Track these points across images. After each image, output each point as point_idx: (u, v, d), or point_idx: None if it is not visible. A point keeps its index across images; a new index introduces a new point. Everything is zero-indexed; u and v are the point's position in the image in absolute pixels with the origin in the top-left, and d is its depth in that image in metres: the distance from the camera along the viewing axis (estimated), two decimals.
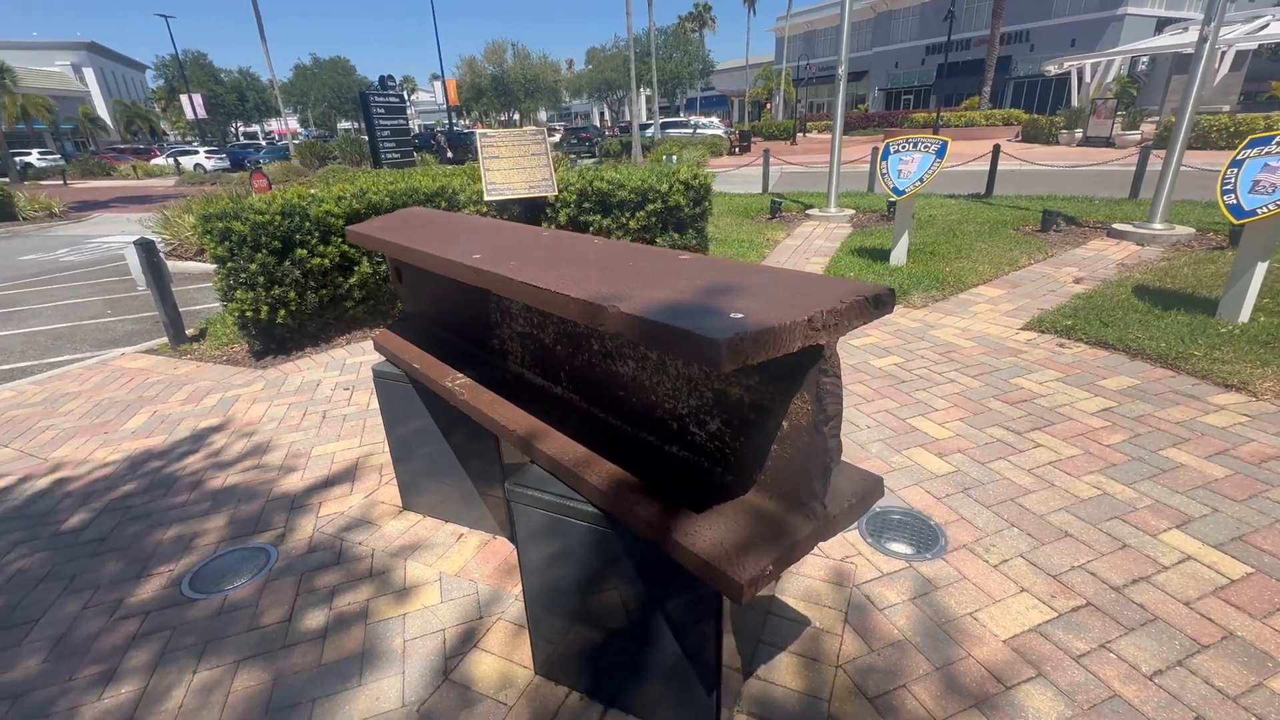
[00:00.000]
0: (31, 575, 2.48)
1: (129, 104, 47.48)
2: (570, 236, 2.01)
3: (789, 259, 6.87)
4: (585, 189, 5.39)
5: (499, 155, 5.39)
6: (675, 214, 5.36)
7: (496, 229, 2.28)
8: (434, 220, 2.60)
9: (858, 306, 1.21)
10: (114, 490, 3.07)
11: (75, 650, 2.08)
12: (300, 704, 1.84)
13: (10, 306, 7.51)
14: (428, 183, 5.19)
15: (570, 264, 1.63)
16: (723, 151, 24.69)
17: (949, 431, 3.15)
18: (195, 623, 2.17)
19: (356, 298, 4.94)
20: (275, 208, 4.42)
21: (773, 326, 1.07)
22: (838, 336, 1.20)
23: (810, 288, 1.30)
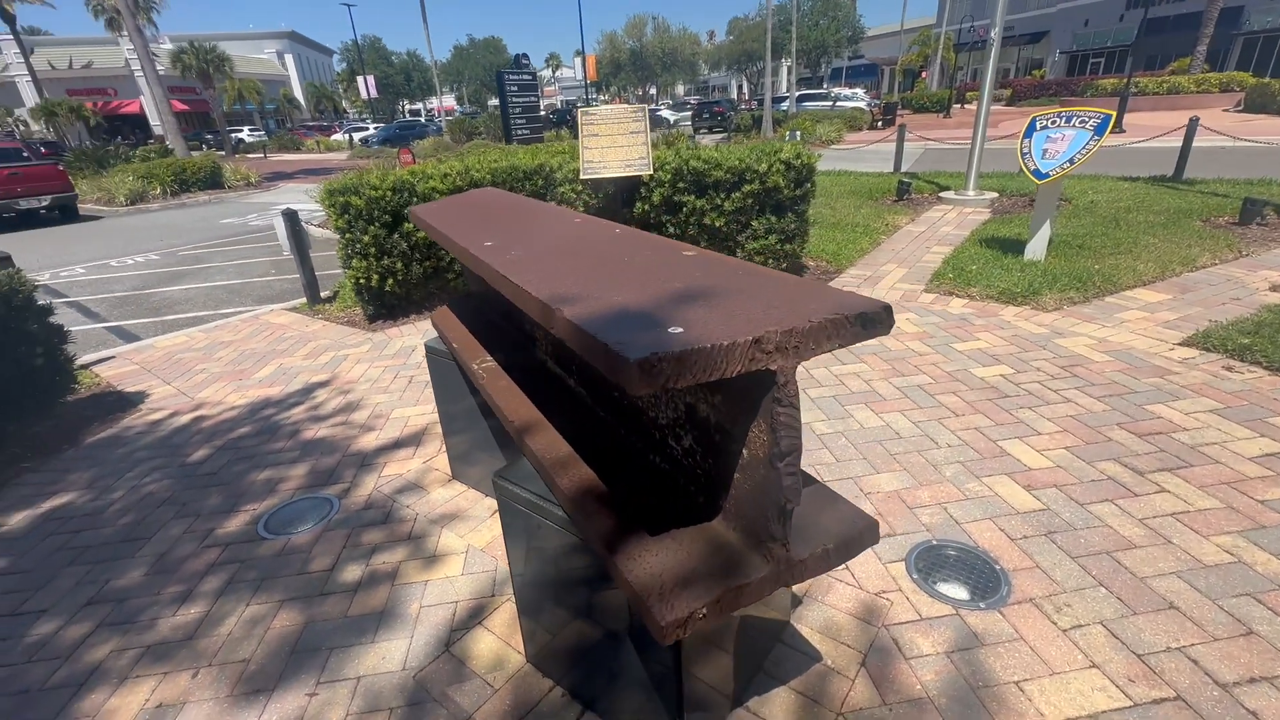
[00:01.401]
0: (156, 499, 2.93)
1: (318, 85, 53.88)
2: (600, 227, 1.94)
3: (905, 247, 6.26)
4: (680, 168, 5.24)
5: (597, 133, 5.39)
6: (774, 196, 5.06)
7: (538, 215, 2.26)
8: (491, 203, 2.65)
9: (830, 327, 1.04)
10: (232, 432, 3.53)
11: (167, 569, 2.43)
12: (319, 650, 2.01)
13: (203, 263, 8.86)
14: (528, 160, 5.34)
15: (575, 256, 1.56)
16: (863, 126, 22.99)
17: (1048, 461, 2.71)
18: (259, 560, 2.45)
19: (457, 270, 5.23)
20: (387, 184, 4.77)
21: (702, 347, 0.94)
22: (798, 361, 1.03)
23: (792, 300, 1.14)
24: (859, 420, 3.16)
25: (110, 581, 2.38)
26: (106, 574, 2.43)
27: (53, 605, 2.28)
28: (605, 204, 5.57)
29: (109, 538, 2.65)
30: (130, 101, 40.69)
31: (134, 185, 16.44)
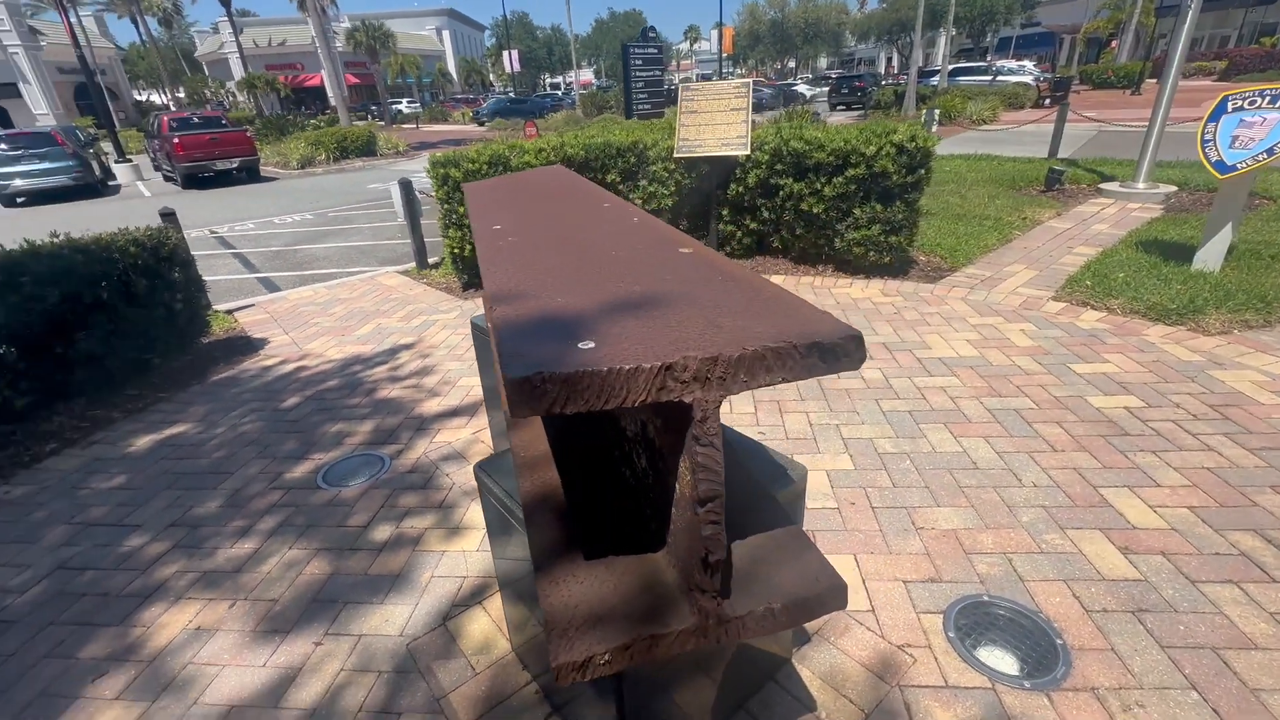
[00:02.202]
0: (246, 438, 3.27)
1: (469, 60, 57.26)
2: (619, 216, 1.83)
3: (1042, 246, 5.46)
4: (779, 149, 4.90)
5: (696, 109, 5.18)
6: (881, 182, 4.59)
7: (573, 197, 2.18)
8: (543, 183, 2.61)
9: (772, 356, 0.86)
10: (321, 384, 3.86)
11: (237, 504, 2.71)
12: (335, 603, 2.13)
13: (346, 224, 9.77)
14: (622, 137, 5.26)
15: (565, 246, 1.47)
16: (1025, 103, 20.40)
17: (1160, 521, 2.23)
18: (311, 509, 2.66)
19: None
20: (484, 157, 4.92)
21: (598, 370, 0.82)
22: (723, 394, 0.87)
23: (749, 318, 0.97)
24: (932, 442, 2.81)
25: (192, 508, 2.70)
26: (191, 501, 2.75)
27: (145, 522, 2.63)
28: (698, 184, 5.37)
29: (202, 469, 3.01)
30: (314, 75, 45.70)
31: (305, 151, 18.52)
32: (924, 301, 4.48)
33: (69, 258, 3.39)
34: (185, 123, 16.61)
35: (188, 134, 15.58)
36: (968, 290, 4.60)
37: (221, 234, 9.59)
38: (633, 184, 5.26)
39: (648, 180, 5.23)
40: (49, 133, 15.85)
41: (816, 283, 5.00)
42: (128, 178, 17.99)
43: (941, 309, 4.33)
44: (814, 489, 2.55)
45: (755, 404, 3.25)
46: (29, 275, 3.22)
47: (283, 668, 1.90)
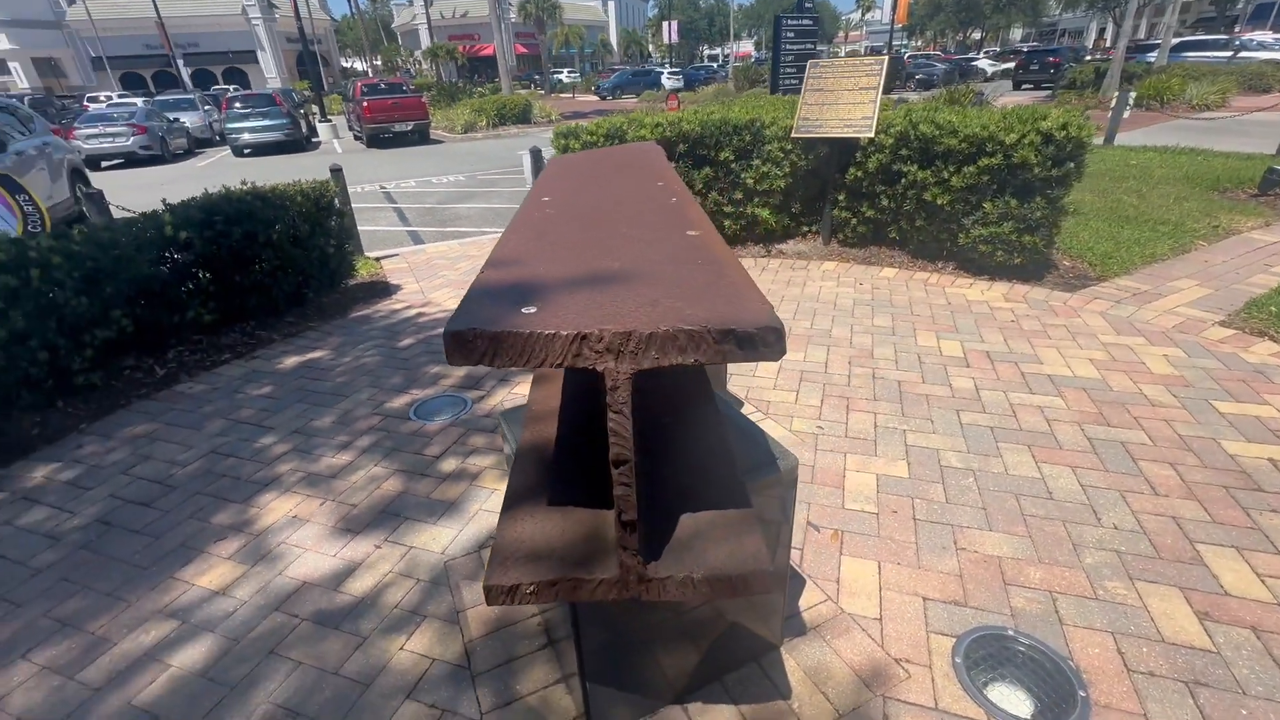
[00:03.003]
0: (365, 369, 3.79)
1: (630, 31, 58.04)
2: (659, 193, 1.89)
3: (1227, 261, 4.60)
4: (905, 133, 4.56)
5: (821, 87, 4.96)
6: (1020, 174, 4.12)
7: (641, 171, 2.27)
8: (621, 160, 2.71)
9: (684, 338, 0.92)
10: (433, 330, 4.33)
11: (345, 422, 3.18)
12: (397, 517, 2.47)
13: (491, 187, 10.57)
14: (740, 114, 5.17)
15: (588, 220, 1.57)
16: (1274, 85, 16.76)
17: (1266, 594, 1.91)
18: (399, 436, 3.05)
19: None
20: (602, 130, 5.10)
21: (519, 332, 0.93)
22: (633, 367, 0.94)
23: (690, 297, 1.02)
24: (1007, 463, 2.58)
25: (312, 420, 3.22)
26: (313, 414, 3.28)
27: (277, 426, 3.18)
28: (815, 166, 5.16)
29: (326, 389, 3.55)
30: (488, 45, 49.05)
31: (468, 117, 20.09)
32: (1051, 311, 4.01)
33: (250, 203, 4.09)
34: (374, 88, 18.69)
35: (374, 98, 17.54)
36: (1111, 304, 4.03)
37: (389, 189, 10.79)
38: (746, 163, 5.18)
39: (761, 160, 5.13)
40: (270, 95, 18.60)
41: (931, 280, 4.65)
42: (326, 136, 20.66)
43: (1070, 322, 3.85)
44: (856, 490, 2.47)
45: (822, 398, 3.16)
46: (221, 215, 3.94)
47: (346, 560, 2.26)
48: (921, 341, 3.71)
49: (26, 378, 3.12)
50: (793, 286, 4.70)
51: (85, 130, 15.98)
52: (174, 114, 19.66)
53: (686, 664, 1.67)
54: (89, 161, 16.22)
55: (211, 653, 1.91)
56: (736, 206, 5.34)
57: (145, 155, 16.48)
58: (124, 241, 3.51)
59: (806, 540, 2.24)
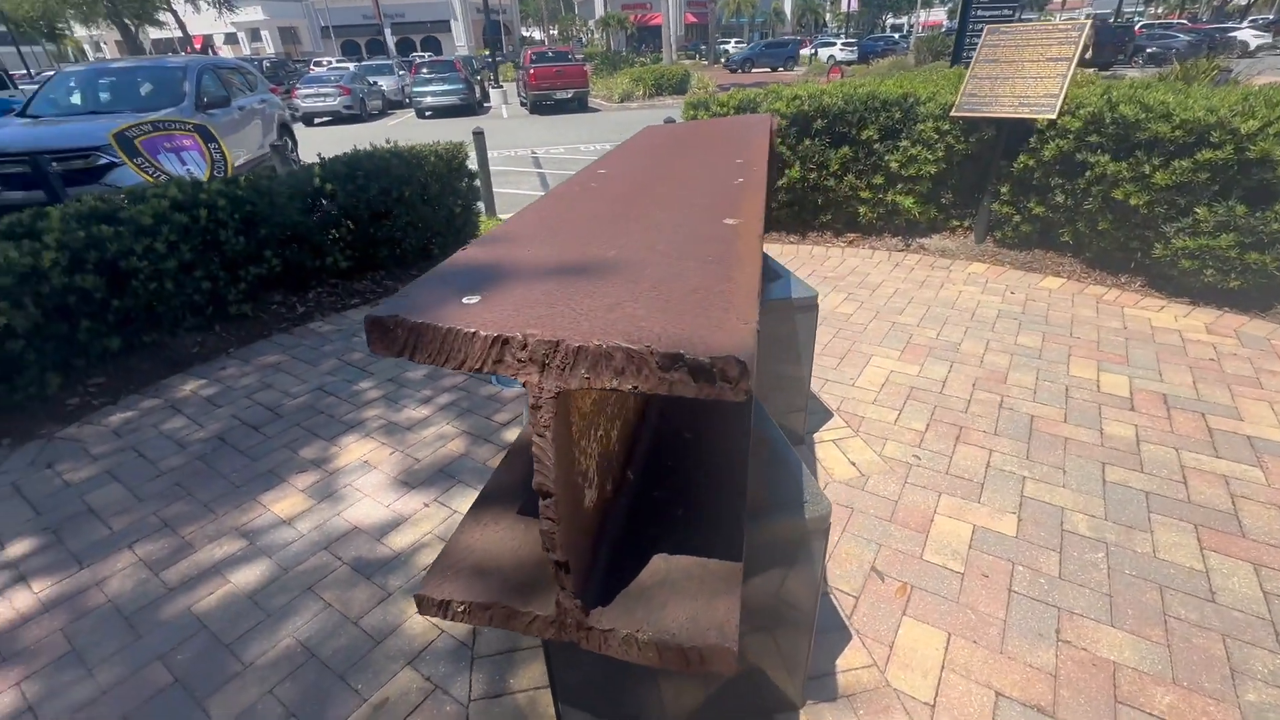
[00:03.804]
0: None
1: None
2: (725, 172, 1.65)
3: None
4: (1099, 115, 3.73)
5: (997, 58, 4.22)
6: (1255, 173, 3.19)
7: (723, 146, 2.03)
8: (716, 131, 2.46)
9: (623, 358, 0.72)
10: None
11: (432, 378, 3.32)
12: (452, 479, 2.52)
13: None
14: (892, 89, 4.55)
15: (625, 197, 1.40)
16: None
17: None
18: (475, 399, 3.12)
19: (781, 200, 5.05)
20: (734, 101, 4.78)
21: (437, 326, 0.79)
22: (560, 384, 0.76)
23: (663, 305, 0.82)
24: (1158, 542, 2.03)
25: (404, 373, 3.40)
26: (409, 367, 3.46)
27: (376, 373, 3.40)
28: (977, 151, 4.45)
29: None
30: (657, 14, 49.03)
31: (626, 86, 20.28)
32: (1272, 354, 3.11)
33: (388, 160, 4.37)
34: (542, 56, 19.50)
35: (541, 66, 18.28)
36: None
37: (539, 154, 11.21)
38: (892, 144, 4.59)
39: (911, 141, 4.51)
40: (451, 61, 20.10)
41: (1107, 297, 3.83)
42: (497, 101, 22.01)
43: None
44: (943, 540, 2.09)
45: (929, 422, 2.72)
46: (362, 171, 4.26)
47: (396, 514, 2.34)
48: (1076, 371, 3.06)
49: (191, 303, 3.62)
50: (926, 288, 4.12)
51: (304, 90, 18.38)
52: (374, 78, 22.01)
53: (682, 703, 1.49)
54: (305, 118, 18.74)
55: (263, 578, 2.07)
56: (875, 192, 4.78)
57: (347, 114, 18.66)
58: (279, 190, 3.91)
59: (866, 589, 1.92)
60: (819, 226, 5.16)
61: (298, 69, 28.39)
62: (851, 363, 3.25)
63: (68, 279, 2.99)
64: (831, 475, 2.43)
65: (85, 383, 3.21)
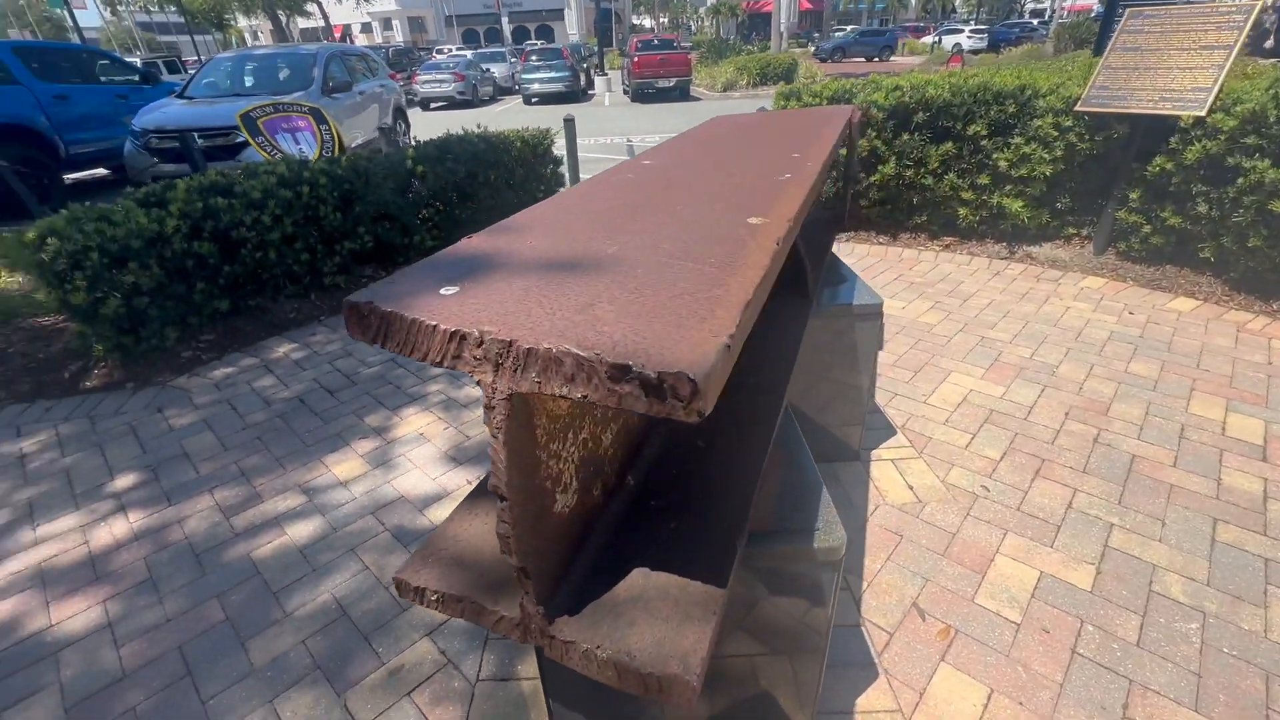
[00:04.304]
0: None
1: None
2: (781, 170, 1.55)
3: None
4: (1261, 112, 3.18)
5: (1139, 45, 3.72)
6: None
7: (785, 140, 1.91)
8: (787, 123, 2.33)
9: (573, 365, 0.68)
10: None
11: None
12: None
13: None
14: (1007, 80, 4.11)
15: (655, 193, 1.34)
16: None
17: None
18: None
19: (872, 197, 4.75)
20: (827, 92, 4.54)
21: (402, 316, 0.78)
22: (513, 386, 0.72)
23: (638, 308, 0.77)
24: (1272, 620, 1.73)
25: None
26: None
27: None
28: (1103, 151, 3.95)
29: None
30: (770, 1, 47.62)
31: (730, 75, 19.89)
32: None
33: (476, 144, 4.52)
34: (648, 44, 19.50)
35: (645, 54, 18.29)
36: None
37: (634, 143, 11.25)
38: (1002, 141, 4.17)
39: (1025, 138, 4.08)
40: (559, 50, 20.54)
41: (1252, 325, 3.29)
42: (601, 88, 22.27)
43: None
44: (1001, 584, 1.88)
45: (1006, 451, 2.46)
46: (451, 154, 4.43)
47: (440, 487, 2.43)
48: (1197, 409, 2.66)
49: (291, 273, 3.93)
50: (1027, 301, 3.73)
51: (423, 76, 19.48)
52: (488, 65, 22.97)
53: (696, 711, 1.43)
54: (422, 102, 19.89)
55: (314, 534, 2.22)
56: (979, 194, 4.38)
57: (460, 99, 19.60)
58: (375, 170, 4.15)
59: (903, 626, 1.77)
60: (913, 228, 4.81)
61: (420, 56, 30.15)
62: (927, 377, 3.00)
63: (187, 245, 3.33)
64: (884, 498, 2.26)
65: (197, 339, 3.58)
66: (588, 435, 1.00)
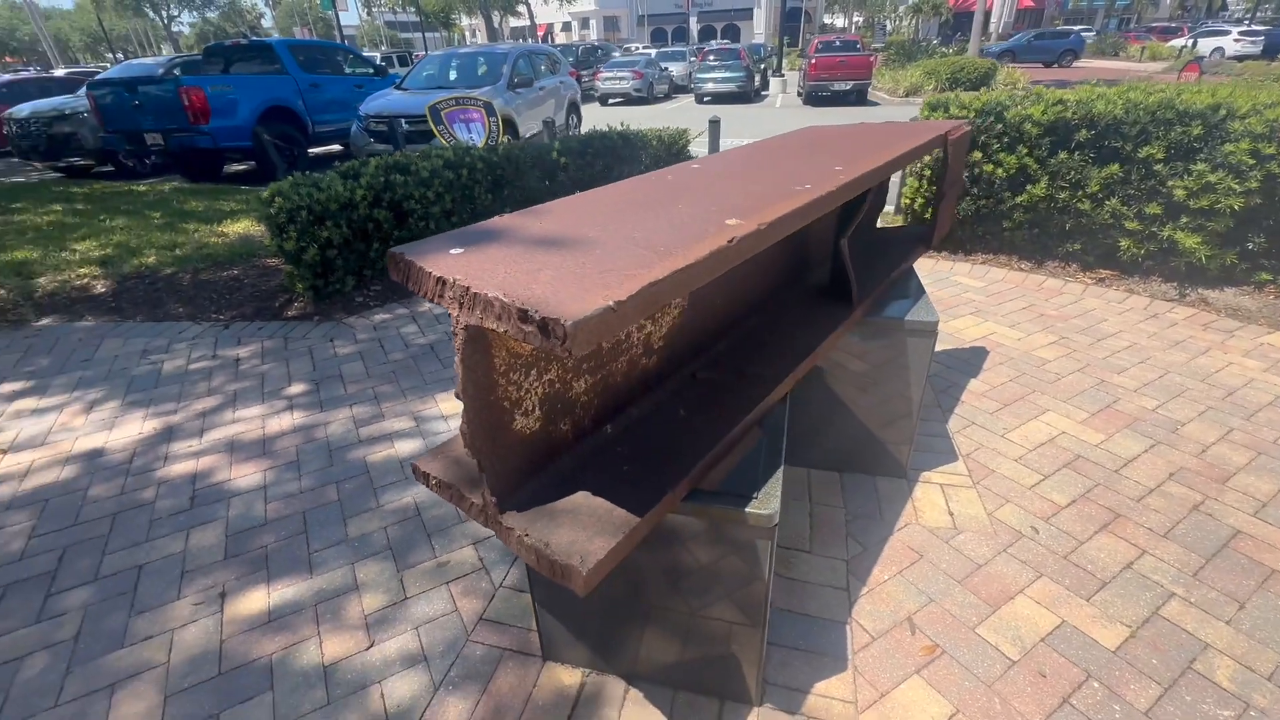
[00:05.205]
0: None
1: None
2: (802, 180, 1.67)
3: None
4: None
5: None
6: None
7: (840, 152, 1.99)
8: (870, 136, 2.36)
9: (500, 307, 0.94)
10: None
11: None
12: None
13: None
14: (1197, 98, 3.57)
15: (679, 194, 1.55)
16: None
17: None
18: None
19: (1017, 219, 4.41)
20: (977, 104, 4.28)
21: (411, 262, 1.09)
22: (468, 320, 0.99)
23: (578, 276, 1.01)
24: None
25: None
26: None
27: None
28: None
29: None
30: None
31: (916, 80, 18.63)
32: None
33: (615, 141, 4.92)
34: (829, 46, 18.93)
35: (824, 55, 17.81)
36: None
37: None
38: (1182, 166, 3.66)
39: (1210, 165, 3.54)
40: (736, 50, 20.66)
41: None
42: (775, 90, 22.05)
43: None
44: (1012, 624, 1.83)
45: (1076, 499, 2.29)
46: (592, 149, 4.88)
47: None
48: None
49: None
50: (1179, 350, 3.29)
51: (605, 74, 20.72)
52: (667, 64, 23.78)
53: (649, 654, 1.65)
54: (600, 98, 21.18)
55: (414, 451, 2.72)
56: (1145, 224, 3.89)
57: (636, 96, 20.58)
58: (524, 159, 4.72)
59: (890, 635, 1.81)
60: (1062, 256, 4.38)
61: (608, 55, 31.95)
62: (1015, 412, 2.83)
63: (369, 211, 4.10)
64: (918, 518, 2.24)
65: (368, 287, 4.38)
66: (555, 378, 1.26)
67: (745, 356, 1.77)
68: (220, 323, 4.08)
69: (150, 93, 8.52)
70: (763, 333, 1.91)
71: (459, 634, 1.86)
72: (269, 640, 1.86)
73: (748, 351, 1.80)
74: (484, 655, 1.79)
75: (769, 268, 2.06)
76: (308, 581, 2.06)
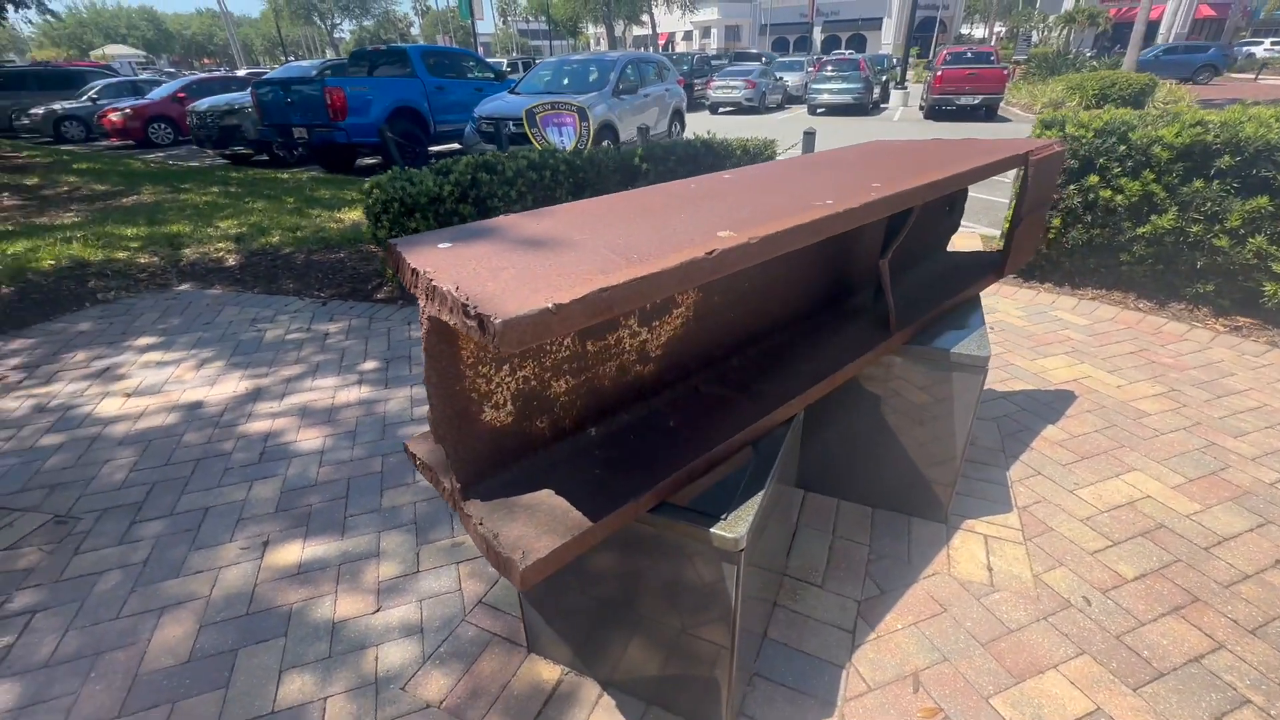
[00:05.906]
0: None
1: None
2: (836, 195, 1.60)
3: None
4: None
5: None
6: None
7: (911, 166, 1.88)
8: (949, 153, 2.20)
9: (454, 303, 0.99)
10: None
11: None
12: None
13: (1003, 178, 9.18)
14: None
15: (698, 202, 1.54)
16: None
17: None
18: None
19: (1137, 253, 3.93)
20: (1097, 123, 3.87)
21: (400, 255, 1.15)
22: (431, 313, 1.03)
23: (543, 277, 1.03)
24: None
25: None
26: None
27: None
28: None
29: None
30: (1157, 6, 38.83)
31: (1057, 94, 17.05)
32: None
33: (698, 148, 4.91)
34: (959, 57, 17.76)
35: (951, 68, 16.75)
36: None
37: None
38: None
39: None
40: (856, 60, 19.90)
41: None
42: (895, 103, 21.06)
43: None
44: (1032, 699, 1.63)
45: (1145, 574, 2.01)
46: (674, 155, 4.90)
47: None
48: None
49: None
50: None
51: (718, 83, 20.69)
52: (782, 73, 23.38)
53: (626, 663, 1.63)
54: (711, 106, 21.18)
55: None
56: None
57: (747, 105, 20.39)
58: (606, 162, 4.82)
59: (889, 689, 1.68)
60: (1191, 297, 3.85)
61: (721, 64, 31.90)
62: (1093, 467, 2.53)
63: (455, 205, 4.36)
64: (950, 568, 2.06)
65: None
66: (530, 375, 1.29)
67: (758, 374, 1.71)
68: (319, 299, 4.50)
69: (302, 91, 9.56)
70: (783, 351, 1.84)
71: (457, 613, 1.93)
72: (294, 591, 2.03)
73: (762, 369, 1.74)
74: (474, 637, 1.85)
75: (801, 285, 1.98)
76: (338, 542, 2.23)
